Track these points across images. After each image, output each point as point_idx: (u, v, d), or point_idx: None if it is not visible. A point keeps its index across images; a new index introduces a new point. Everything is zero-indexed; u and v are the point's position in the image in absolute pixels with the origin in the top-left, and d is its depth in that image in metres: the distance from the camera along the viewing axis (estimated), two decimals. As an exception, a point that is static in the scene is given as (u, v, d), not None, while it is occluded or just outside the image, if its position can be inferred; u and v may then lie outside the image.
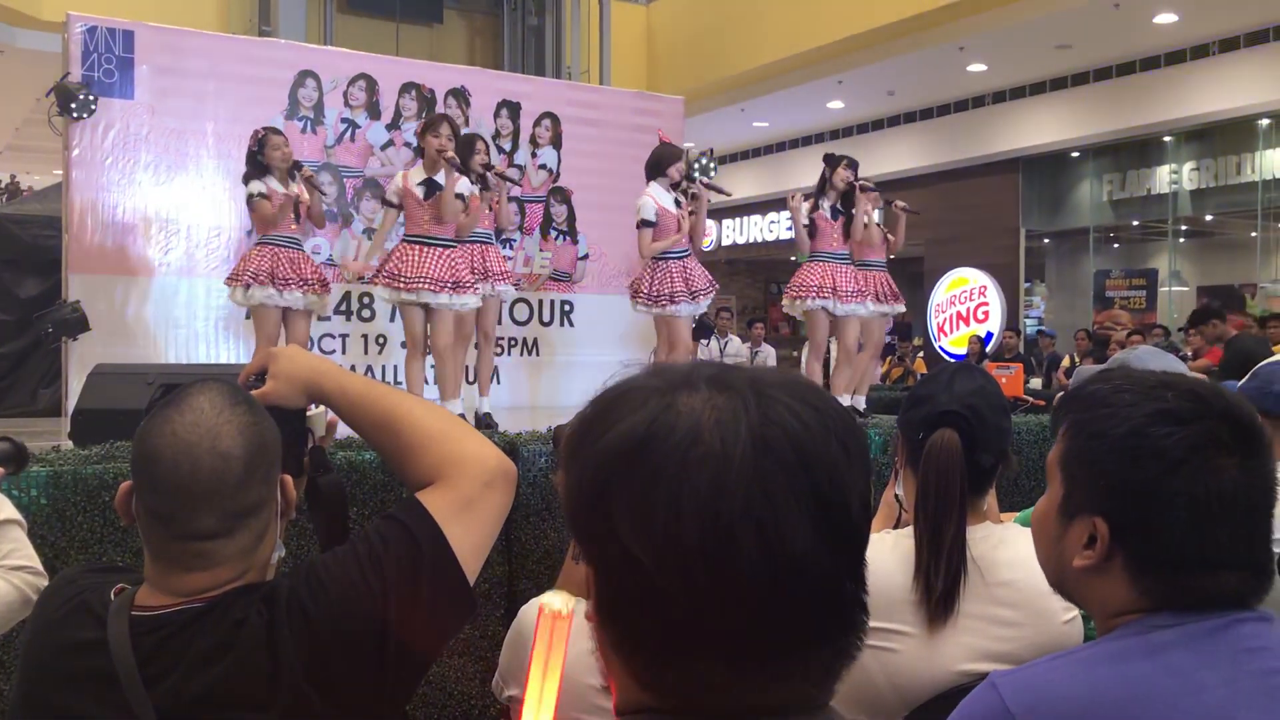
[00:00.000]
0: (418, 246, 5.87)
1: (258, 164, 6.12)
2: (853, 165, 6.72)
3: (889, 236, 6.98)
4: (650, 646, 0.72)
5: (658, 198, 6.40)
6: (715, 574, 0.68)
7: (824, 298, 6.51)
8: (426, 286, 5.79)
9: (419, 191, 5.89)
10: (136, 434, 1.32)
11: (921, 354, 14.77)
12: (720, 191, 7.04)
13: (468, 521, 1.35)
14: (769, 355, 11.33)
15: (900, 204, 7.06)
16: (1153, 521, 1.15)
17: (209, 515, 1.27)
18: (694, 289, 6.45)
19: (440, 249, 5.89)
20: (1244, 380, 2.56)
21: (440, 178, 5.91)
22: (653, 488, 0.69)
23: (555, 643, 1.15)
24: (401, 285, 5.78)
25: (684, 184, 6.60)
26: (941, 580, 1.81)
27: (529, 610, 1.59)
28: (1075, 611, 1.88)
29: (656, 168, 6.51)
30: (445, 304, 5.87)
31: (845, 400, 6.55)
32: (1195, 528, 1.13)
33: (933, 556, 1.82)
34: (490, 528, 1.40)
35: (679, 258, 6.49)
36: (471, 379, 6.77)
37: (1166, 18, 11.25)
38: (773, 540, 0.68)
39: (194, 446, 1.27)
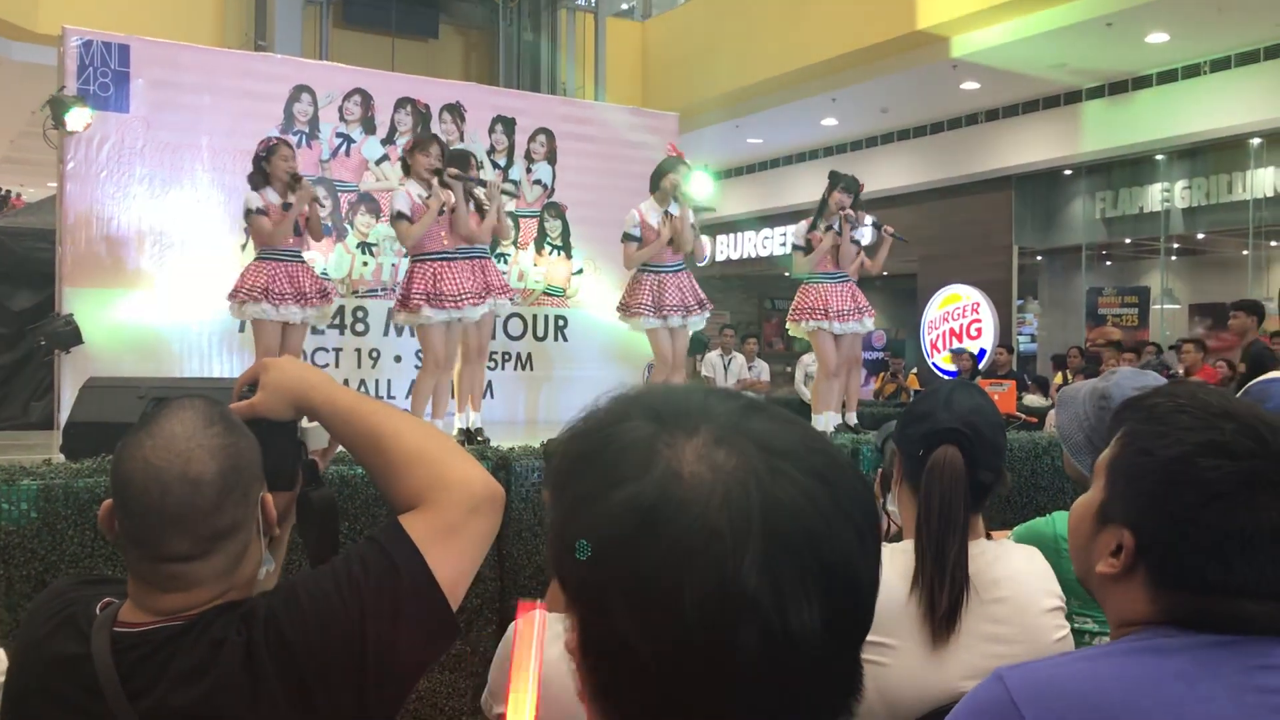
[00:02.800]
0: (443, 263, 5.94)
1: (262, 172, 6.12)
2: (850, 189, 6.73)
3: (865, 260, 7.02)
4: (629, 709, 0.69)
5: (644, 213, 6.47)
6: (710, 658, 0.65)
7: (818, 319, 6.60)
8: (471, 301, 5.92)
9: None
10: (113, 456, 1.32)
11: (915, 370, 14.78)
12: (703, 209, 7.10)
13: (450, 547, 1.33)
14: (763, 370, 11.32)
15: (889, 229, 7.10)
16: (1179, 548, 1.14)
17: (181, 539, 1.27)
18: (664, 304, 6.48)
19: (457, 261, 6.00)
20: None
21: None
22: (654, 570, 0.65)
23: (528, 642, 1.14)
24: (450, 304, 5.86)
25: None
26: (946, 597, 1.81)
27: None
28: (1066, 629, 1.89)
29: (652, 183, 6.56)
30: (479, 314, 6.04)
31: (836, 417, 6.58)
32: (1222, 561, 1.13)
33: (937, 573, 1.82)
34: (474, 553, 1.37)
35: (655, 271, 6.53)
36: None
37: (1158, 37, 11.32)
38: (775, 630, 0.65)
39: (163, 472, 1.27)
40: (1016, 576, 1.89)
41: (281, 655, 1.26)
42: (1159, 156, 13.31)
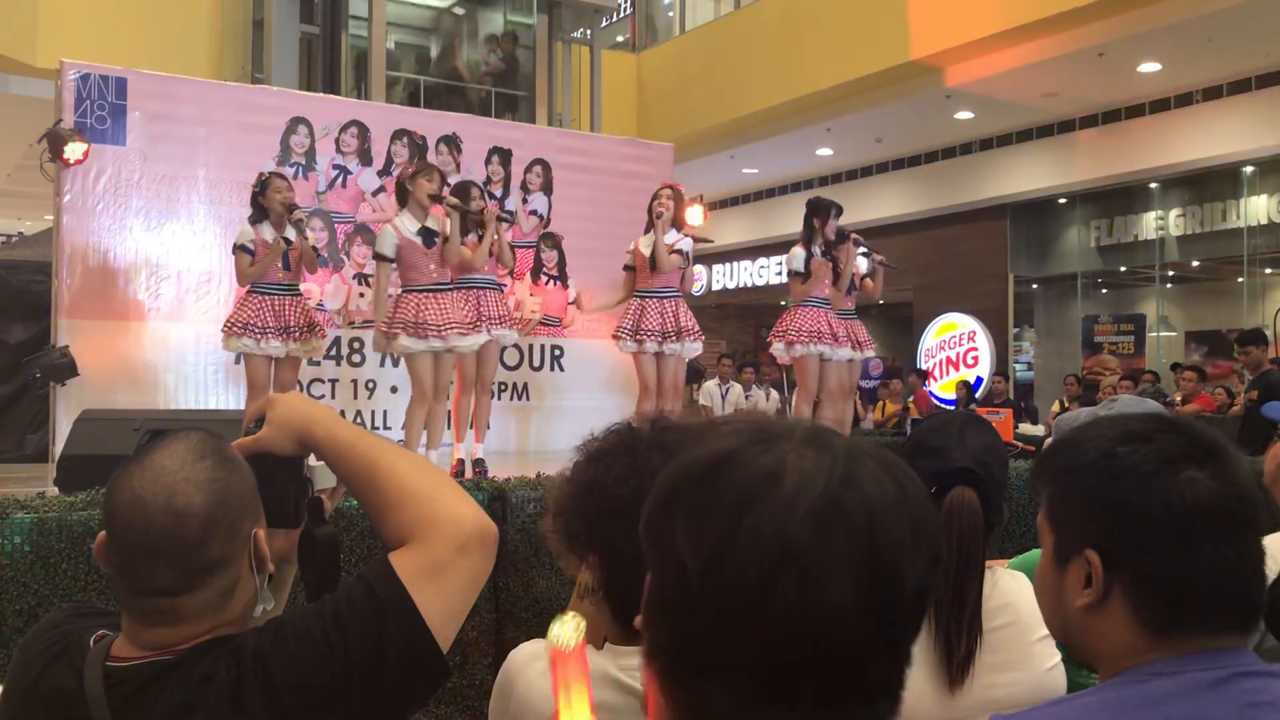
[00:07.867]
0: (430, 294, 5.89)
1: (259, 206, 6.14)
2: (836, 214, 6.79)
3: (867, 283, 7.06)
4: (672, 656, 0.75)
5: (639, 244, 6.68)
6: (747, 604, 0.70)
7: (816, 342, 6.60)
8: (457, 331, 5.87)
9: (419, 240, 5.91)
10: (106, 488, 1.32)
11: (912, 397, 14.79)
12: (703, 239, 7.20)
13: (438, 586, 1.31)
14: (758, 400, 11.33)
15: (879, 257, 7.14)
16: (1139, 540, 1.14)
17: (165, 572, 1.26)
18: (642, 329, 6.52)
19: (449, 293, 5.98)
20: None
21: (431, 223, 5.97)
22: (717, 504, 0.73)
23: (573, 676, 1.12)
24: (433, 334, 5.80)
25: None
26: (965, 643, 1.79)
27: (516, 658, 1.56)
28: (1058, 658, 1.88)
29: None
30: (470, 345, 5.99)
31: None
32: (1181, 541, 1.12)
33: (954, 619, 1.79)
34: (464, 593, 1.35)
35: (641, 296, 6.61)
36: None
37: (1150, 67, 11.40)
38: (812, 594, 0.70)
39: (148, 504, 1.26)
40: (1013, 604, 1.89)
41: (269, 693, 1.25)
42: (1153, 185, 13.38)
